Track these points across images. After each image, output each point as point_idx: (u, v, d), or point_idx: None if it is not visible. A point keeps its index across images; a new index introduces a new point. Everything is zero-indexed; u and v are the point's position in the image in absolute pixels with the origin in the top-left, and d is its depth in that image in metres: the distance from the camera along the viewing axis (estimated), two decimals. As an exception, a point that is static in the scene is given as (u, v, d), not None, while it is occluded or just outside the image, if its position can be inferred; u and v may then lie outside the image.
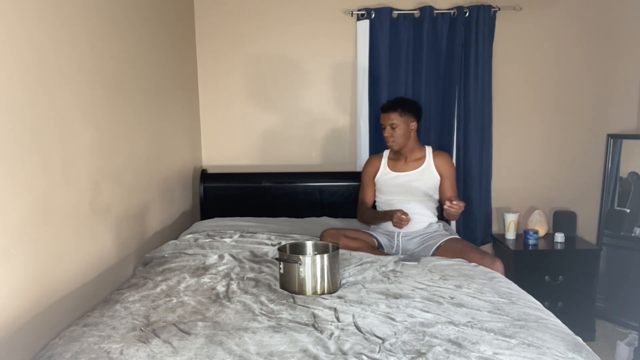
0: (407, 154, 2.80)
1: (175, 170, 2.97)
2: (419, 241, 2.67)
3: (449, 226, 2.95)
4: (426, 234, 2.70)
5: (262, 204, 3.26)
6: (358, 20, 3.24)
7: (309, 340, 1.51)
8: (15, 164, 1.53)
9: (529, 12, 3.28)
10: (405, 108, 2.72)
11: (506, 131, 3.39)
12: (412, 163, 2.79)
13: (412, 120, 2.73)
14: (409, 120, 2.72)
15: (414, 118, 2.74)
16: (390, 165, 2.84)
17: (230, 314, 1.71)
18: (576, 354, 1.44)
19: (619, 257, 3.24)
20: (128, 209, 2.33)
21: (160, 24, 2.76)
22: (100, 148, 2.06)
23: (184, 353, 1.43)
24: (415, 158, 2.80)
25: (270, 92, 3.39)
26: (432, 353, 1.42)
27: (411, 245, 2.67)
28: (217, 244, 2.50)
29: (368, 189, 2.91)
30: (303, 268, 1.87)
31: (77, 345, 1.48)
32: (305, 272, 1.87)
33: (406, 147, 2.77)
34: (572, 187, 3.43)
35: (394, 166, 2.83)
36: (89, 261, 1.98)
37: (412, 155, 2.80)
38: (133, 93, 2.39)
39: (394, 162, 2.84)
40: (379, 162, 2.88)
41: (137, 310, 1.73)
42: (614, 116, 3.36)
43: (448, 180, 2.77)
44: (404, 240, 2.69)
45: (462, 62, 3.22)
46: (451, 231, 2.84)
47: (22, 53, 1.58)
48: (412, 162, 2.79)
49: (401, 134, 2.71)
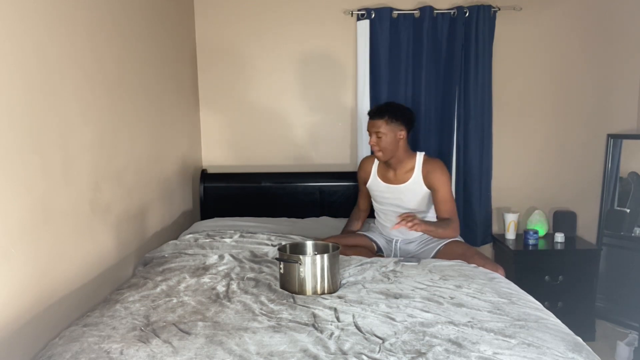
0: (395, 165, 2.56)
1: (175, 170, 2.97)
2: (418, 245, 2.60)
3: None
4: (425, 238, 2.60)
5: (262, 204, 3.26)
6: (358, 20, 3.24)
7: (309, 340, 1.51)
8: (15, 164, 1.53)
9: (529, 12, 3.28)
10: (393, 115, 2.48)
11: (506, 131, 3.39)
12: (402, 175, 2.57)
13: (400, 129, 2.49)
14: (396, 128, 2.48)
15: (402, 126, 2.49)
16: (380, 174, 2.64)
17: (230, 314, 1.71)
18: (576, 353, 1.44)
19: (619, 257, 3.24)
20: (128, 209, 2.33)
21: (161, 24, 2.76)
22: (100, 148, 2.06)
23: (184, 353, 1.43)
24: (405, 170, 2.56)
25: (270, 92, 3.39)
26: (432, 353, 1.42)
27: (411, 248, 2.62)
28: (217, 244, 2.50)
29: (361, 195, 2.80)
30: (303, 268, 1.87)
31: (77, 345, 1.48)
32: (306, 272, 1.87)
33: (394, 158, 2.53)
34: (572, 187, 3.43)
35: (384, 176, 2.62)
36: (89, 261, 1.98)
37: (402, 167, 2.56)
38: (133, 93, 2.39)
39: (384, 171, 2.63)
40: (370, 167, 2.68)
41: (137, 310, 1.73)
42: (614, 116, 3.36)
43: (438, 193, 2.48)
44: (403, 244, 2.64)
45: (462, 62, 3.22)
46: None
47: (23, 53, 1.57)
48: (402, 175, 2.57)
49: (388, 144, 2.48)
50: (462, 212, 3.34)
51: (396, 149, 2.51)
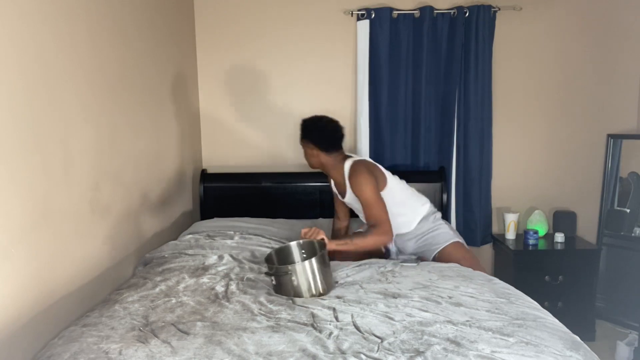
0: (333, 178, 2.51)
1: (175, 170, 2.98)
2: (416, 243, 2.56)
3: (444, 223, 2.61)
4: (420, 234, 2.54)
5: (262, 204, 3.27)
6: (358, 20, 3.24)
7: (307, 339, 1.52)
8: (15, 164, 1.54)
9: (529, 12, 3.28)
10: (303, 133, 2.43)
11: (506, 131, 3.39)
12: (342, 187, 2.49)
13: (311, 147, 2.41)
14: (307, 146, 2.42)
15: (312, 145, 2.40)
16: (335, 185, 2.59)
17: (229, 314, 1.71)
18: (574, 352, 1.44)
19: (619, 257, 3.24)
20: (128, 209, 2.33)
21: (161, 23, 2.76)
22: (100, 148, 2.06)
23: (182, 353, 1.44)
24: (342, 182, 2.47)
25: (270, 92, 3.40)
26: (431, 352, 1.43)
27: (411, 245, 2.57)
28: (217, 244, 2.50)
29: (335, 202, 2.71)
30: (295, 276, 1.85)
31: (76, 346, 1.49)
32: (299, 280, 1.85)
33: (327, 172, 2.49)
34: (572, 187, 3.43)
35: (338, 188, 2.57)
36: (89, 261, 1.99)
37: (338, 178, 2.48)
38: (133, 93, 2.39)
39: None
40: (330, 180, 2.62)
41: (136, 311, 1.74)
42: (614, 116, 3.36)
43: (360, 199, 2.34)
44: (401, 242, 2.59)
45: (462, 62, 3.22)
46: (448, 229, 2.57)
47: (23, 53, 1.58)
48: (342, 187, 2.49)
49: (307, 158, 2.46)
50: (462, 212, 3.34)
51: (318, 164, 2.46)
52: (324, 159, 2.43)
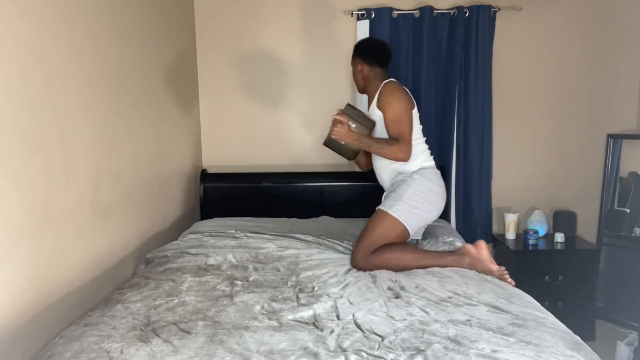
0: (371, 98, 2.54)
1: (175, 170, 2.98)
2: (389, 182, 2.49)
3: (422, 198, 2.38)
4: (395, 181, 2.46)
5: (262, 204, 3.27)
6: (358, 20, 3.24)
7: (309, 338, 1.52)
8: (16, 164, 1.54)
9: (529, 12, 3.28)
10: (355, 50, 2.58)
11: (506, 131, 3.39)
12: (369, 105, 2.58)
13: (359, 62, 2.54)
14: (356, 62, 2.56)
15: (360, 60, 2.54)
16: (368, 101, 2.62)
17: (231, 313, 1.71)
18: (575, 352, 1.44)
19: (619, 257, 3.24)
20: (128, 209, 2.33)
21: (161, 23, 2.76)
22: (100, 148, 2.06)
23: (184, 352, 1.43)
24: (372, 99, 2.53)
25: (270, 92, 3.40)
26: (431, 350, 1.43)
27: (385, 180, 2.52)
28: (219, 244, 2.50)
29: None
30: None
31: (77, 345, 1.48)
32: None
33: (367, 91, 2.57)
34: (572, 187, 3.43)
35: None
36: (89, 261, 1.99)
37: (371, 94, 2.54)
38: (133, 93, 2.39)
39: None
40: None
41: (137, 310, 1.74)
42: (614, 116, 3.36)
43: (385, 115, 2.39)
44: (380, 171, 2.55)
45: (462, 62, 3.22)
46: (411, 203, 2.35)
47: (23, 53, 1.58)
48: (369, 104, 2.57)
49: (354, 76, 2.60)
50: (462, 212, 3.34)
51: (362, 82, 2.58)
52: (366, 72, 2.53)
